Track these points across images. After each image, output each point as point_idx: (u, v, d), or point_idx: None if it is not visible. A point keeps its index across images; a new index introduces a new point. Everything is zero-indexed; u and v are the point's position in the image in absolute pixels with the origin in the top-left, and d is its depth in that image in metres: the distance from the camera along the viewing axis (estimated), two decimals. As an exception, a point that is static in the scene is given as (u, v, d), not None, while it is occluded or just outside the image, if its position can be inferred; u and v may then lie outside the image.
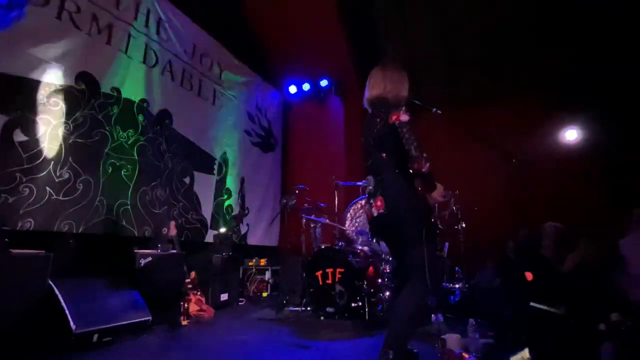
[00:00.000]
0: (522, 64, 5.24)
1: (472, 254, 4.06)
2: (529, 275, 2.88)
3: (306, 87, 6.57)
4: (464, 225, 4.00)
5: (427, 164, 1.78)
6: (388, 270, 3.48)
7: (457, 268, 4.11)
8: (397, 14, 5.38)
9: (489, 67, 5.40)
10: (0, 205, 2.67)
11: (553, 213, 4.15)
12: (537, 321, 2.58)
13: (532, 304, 2.44)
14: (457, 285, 3.85)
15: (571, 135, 5.07)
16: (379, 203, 1.91)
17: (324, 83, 6.39)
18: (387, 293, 3.35)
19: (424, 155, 1.77)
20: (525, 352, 1.93)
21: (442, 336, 2.32)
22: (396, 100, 1.98)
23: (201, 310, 3.43)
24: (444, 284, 3.90)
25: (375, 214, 1.94)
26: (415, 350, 1.92)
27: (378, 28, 5.62)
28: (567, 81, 4.95)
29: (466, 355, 2.10)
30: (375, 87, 2.05)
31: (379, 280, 3.52)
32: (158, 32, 4.28)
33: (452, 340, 2.26)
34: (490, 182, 4.96)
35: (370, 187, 2.03)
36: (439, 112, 2.13)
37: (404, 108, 1.90)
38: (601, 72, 4.63)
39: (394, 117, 1.86)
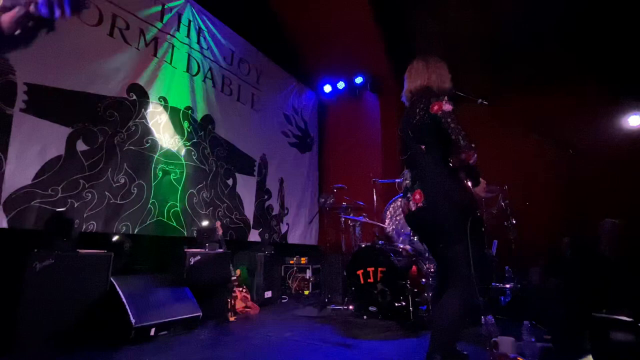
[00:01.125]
0: (575, 45, 4.84)
1: (523, 252, 3.82)
2: None
3: (341, 85, 6.55)
4: (514, 221, 3.77)
5: (475, 155, 1.69)
6: (433, 270, 3.38)
7: (507, 267, 3.90)
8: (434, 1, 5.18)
9: (539, 52, 5.04)
10: (67, 210, 2.94)
11: (613, 208, 3.80)
12: (600, 327, 2.38)
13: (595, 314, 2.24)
14: (507, 285, 3.65)
15: (635, 121, 4.59)
16: (417, 197, 1.81)
17: (358, 80, 6.33)
18: (432, 293, 3.26)
19: (473, 145, 1.67)
20: (589, 359, 1.79)
21: (494, 339, 2.21)
22: (440, 91, 1.91)
23: (247, 307, 3.55)
24: (493, 283, 3.71)
25: (414, 209, 1.83)
26: (465, 352, 1.85)
27: (414, 19, 5.46)
28: (630, 62, 4.49)
29: (522, 360, 1.99)
30: (418, 77, 1.98)
31: (423, 280, 3.43)
32: (198, 42, 4.49)
33: (506, 343, 2.15)
34: (543, 175, 4.63)
35: (407, 181, 1.94)
36: (485, 102, 2.02)
37: (446, 98, 1.81)
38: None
39: (435, 107, 1.78)
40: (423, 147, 1.84)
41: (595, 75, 4.77)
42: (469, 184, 1.80)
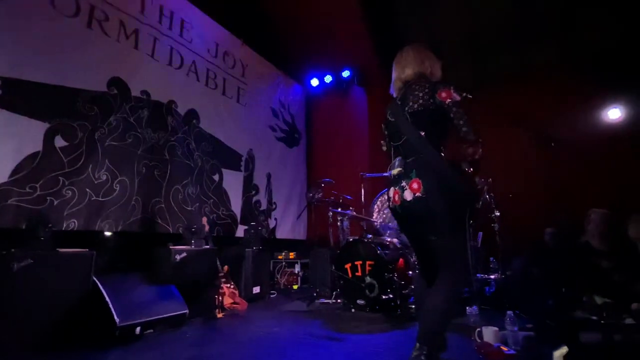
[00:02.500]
0: (556, 37, 4.92)
1: (508, 244, 3.90)
2: None
3: (328, 79, 6.52)
4: (498, 213, 3.83)
5: (481, 151, 1.65)
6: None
7: (491, 258, 3.98)
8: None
9: (520, 44, 5.11)
10: (46, 208, 2.85)
11: (595, 198, 3.90)
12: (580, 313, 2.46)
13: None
14: (492, 276, 3.73)
15: (614, 114, 4.71)
16: (415, 186, 1.70)
17: (346, 74, 6.32)
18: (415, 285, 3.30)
19: (480, 140, 1.63)
20: (564, 348, 1.83)
21: (479, 329, 2.26)
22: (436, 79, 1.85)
23: (235, 303, 3.53)
24: (478, 274, 3.79)
25: (410, 198, 1.71)
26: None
27: (399, 12, 5.45)
28: (608, 56, 4.59)
29: (505, 349, 2.03)
30: (410, 65, 1.89)
31: (410, 272, 3.47)
32: (181, 34, 4.38)
33: (489, 333, 2.19)
34: (526, 167, 4.71)
35: (399, 169, 1.80)
36: (470, 96, 2.02)
37: (452, 87, 1.71)
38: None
39: (444, 94, 1.69)
40: (423, 133, 1.74)
41: (575, 68, 4.87)
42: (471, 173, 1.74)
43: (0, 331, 2.07)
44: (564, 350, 1.81)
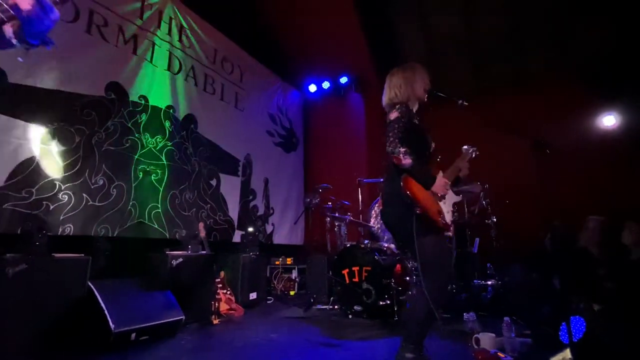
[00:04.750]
0: (552, 45, 4.99)
1: (505, 249, 3.91)
2: None
3: (326, 85, 6.56)
4: (495, 219, 3.85)
5: (407, 158, 1.78)
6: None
7: (488, 264, 3.98)
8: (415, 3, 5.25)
9: (515, 52, 5.18)
10: (42, 212, 2.83)
11: (590, 205, 3.94)
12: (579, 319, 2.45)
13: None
14: (489, 282, 3.73)
15: (609, 121, 4.77)
16: (380, 200, 1.96)
17: (343, 80, 6.35)
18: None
19: (401, 149, 1.78)
20: (567, 353, 1.84)
21: (476, 335, 2.26)
22: (402, 102, 1.98)
23: (231, 309, 3.51)
24: (475, 280, 3.79)
25: (379, 211, 1.99)
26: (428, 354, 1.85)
27: (396, 19, 5.51)
28: (603, 63, 4.66)
29: (502, 355, 2.03)
30: (385, 94, 2.09)
31: (407, 278, 3.47)
32: (180, 40, 4.40)
33: (487, 339, 2.19)
34: (522, 173, 4.74)
35: None
36: (465, 103, 2.05)
37: (397, 106, 1.92)
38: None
39: (390, 116, 1.92)
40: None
41: (570, 75, 4.93)
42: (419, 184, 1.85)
43: (-6, 337, 2.04)
44: (566, 354, 1.81)
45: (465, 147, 2.07)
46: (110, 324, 2.30)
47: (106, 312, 2.33)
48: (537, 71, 5.20)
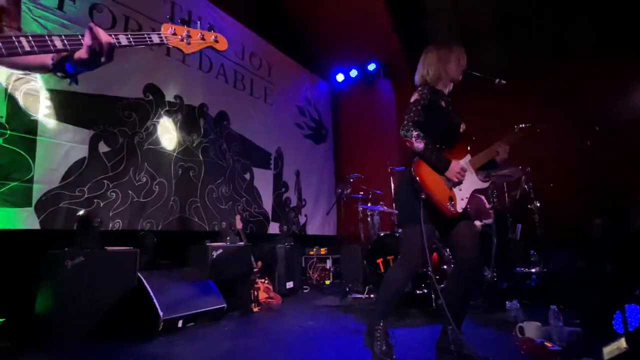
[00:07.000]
0: (604, 15, 4.56)
1: (549, 236, 3.70)
2: None
3: (354, 73, 6.48)
4: (538, 204, 3.64)
5: (420, 142, 1.74)
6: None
7: (532, 251, 3.80)
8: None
9: (557, 24, 4.80)
10: (94, 209, 3.05)
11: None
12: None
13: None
14: (533, 270, 3.56)
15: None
16: None
17: (371, 67, 6.24)
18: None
19: (414, 133, 1.75)
20: (622, 342, 1.72)
21: (520, 324, 2.17)
22: (435, 82, 1.94)
23: (270, 297, 3.62)
24: (517, 268, 3.63)
25: None
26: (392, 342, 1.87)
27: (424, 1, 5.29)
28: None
29: (549, 345, 1.94)
30: (417, 73, 2.03)
31: (444, 266, 3.39)
32: (210, 38, 4.50)
33: (532, 328, 2.11)
34: (568, 154, 4.43)
35: None
36: (503, 82, 1.94)
37: (419, 88, 1.89)
38: None
39: (412, 98, 1.89)
40: None
41: (622, 48, 4.50)
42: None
43: (56, 323, 2.25)
44: (621, 344, 1.70)
45: (518, 125, 1.94)
46: (159, 311, 2.46)
47: (155, 300, 2.49)
48: (586, 43, 4.78)
